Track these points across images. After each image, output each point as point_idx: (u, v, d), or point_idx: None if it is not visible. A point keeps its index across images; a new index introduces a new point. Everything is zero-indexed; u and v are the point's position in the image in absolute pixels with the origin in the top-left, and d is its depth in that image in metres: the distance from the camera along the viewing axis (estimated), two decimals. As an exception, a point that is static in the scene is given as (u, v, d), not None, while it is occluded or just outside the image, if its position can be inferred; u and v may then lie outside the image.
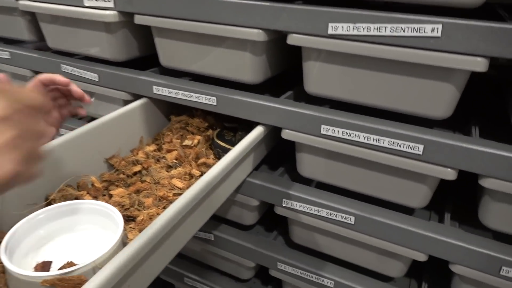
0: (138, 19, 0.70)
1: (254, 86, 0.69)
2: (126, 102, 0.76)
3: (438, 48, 0.48)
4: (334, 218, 0.64)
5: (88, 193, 0.59)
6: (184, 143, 0.71)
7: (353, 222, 0.63)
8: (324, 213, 0.65)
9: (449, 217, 0.65)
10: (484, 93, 0.85)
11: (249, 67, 0.65)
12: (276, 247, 0.77)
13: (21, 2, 0.80)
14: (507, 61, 0.48)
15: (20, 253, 0.46)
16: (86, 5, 0.72)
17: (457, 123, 0.66)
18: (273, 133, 0.70)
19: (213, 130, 0.77)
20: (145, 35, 0.78)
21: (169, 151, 0.69)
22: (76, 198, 0.56)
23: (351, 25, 0.51)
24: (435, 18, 0.47)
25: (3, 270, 0.43)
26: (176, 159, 0.67)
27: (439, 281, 0.72)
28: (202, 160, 0.67)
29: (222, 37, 0.64)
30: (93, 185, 0.60)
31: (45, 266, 0.43)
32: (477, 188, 0.64)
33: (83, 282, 0.38)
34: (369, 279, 0.70)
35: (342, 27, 0.52)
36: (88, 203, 0.53)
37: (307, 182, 0.71)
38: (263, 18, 0.58)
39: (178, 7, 0.64)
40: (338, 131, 0.57)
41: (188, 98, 0.70)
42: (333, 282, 0.71)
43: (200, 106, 0.69)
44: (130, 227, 0.52)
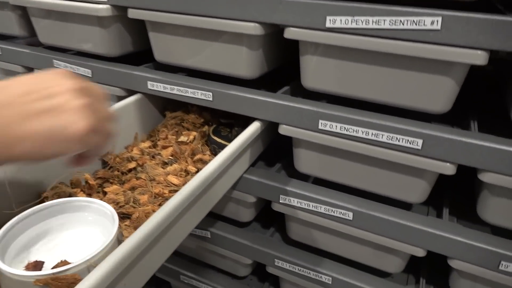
0: (132, 13, 0.69)
1: (250, 81, 0.68)
2: (120, 98, 0.75)
3: (437, 41, 0.47)
4: (332, 214, 0.64)
5: (82, 190, 0.58)
6: (179, 140, 0.70)
7: (351, 218, 0.63)
8: (322, 209, 0.64)
9: (447, 212, 0.65)
10: (480, 88, 0.85)
11: (245, 62, 0.64)
12: (273, 244, 0.76)
13: (11, -4, 0.78)
14: (506, 54, 0.48)
15: (12, 252, 0.45)
16: (78, -2, 0.71)
17: (455, 118, 0.65)
18: (270, 128, 0.69)
19: (209, 126, 0.76)
20: (139, 30, 0.77)
21: (164, 148, 0.68)
22: (69, 196, 0.55)
23: (350, 18, 0.50)
24: (435, 11, 0.47)
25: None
26: (171, 156, 0.66)
27: (437, 276, 0.72)
28: (198, 156, 0.66)
29: (217, 31, 0.63)
30: (87, 182, 0.59)
31: (37, 265, 0.41)
32: (475, 183, 0.64)
33: (77, 281, 0.38)
34: (367, 275, 0.70)
35: (341, 20, 0.51)
36: (82, 201, 0.52)
37: (305, 178, 0.70)
38: (260, 11, 0.57)
39: (172, 1, 0.63)
40: (336, 126, 0.57)
41: (183, 94, 0.69)
42: (331, 279, 0.70)
43: (195, 101, 0.68)
44: (125, 225, 0.52)
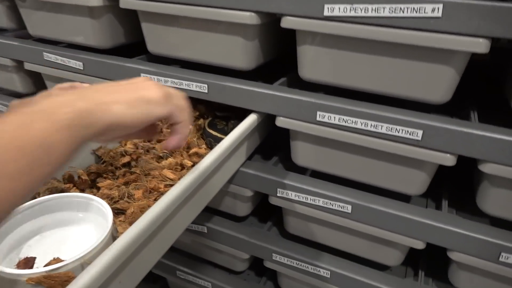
0: (124, 3, 0.67)
1: (246, 73, 0.67)
2: (113, 91, 0.73)
3: (438, 29, 0.46)
4: (331, 207, 0.63)
5: (74, 185, 0.57)
6: (174, 133, 0.69)
7: (350, 211, 0.62)
8: (320, 202, 0.63)
9: (446, 204, 0.64)
10: (476, 78, 0.84)
11: (241, 53, 0.63)
12: (270, 238, 0.75)
13: (-2, -13, 0.76)
14: (507, 42, 0.47)
15: (3, 249, 0.44)
16: (68, -11, 0.69)
17: (454, 109, 0.65)
18: (266, 121, 0.68)
19: (204, 119, 0.74)
20: (131, 21, 0.75)
21: (159, 141, 0.67)
22: (62, 191, 0.54)
23: (348, 6, 0.49)
24: (435, -2, 0.46)
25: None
26: (166, 150, 0.64)
27: (436, 269, 0.72)
28: (193, 150, 0.65)
29: (212, 20, 0.61)
30: (79, 177, 0.58)
31: (28, 262, 0.40)
32: (474, 174, 0.63)
33: (71, 278, 0.36)
34: (365, 268, 0.69)
35: (339, 8, 0.50)
36: (75, 197, 0.50)
37: (302, 171, 0.69)
38: (256, 0, 0.55)
39: (165, -10, 0.61)
40: (335, 118, 0.56)
41: (178, 86, 0.67)
42: (329, 272, 0.70)
43: (190, 94, 0.67)
44: (120, 221, 0.50)
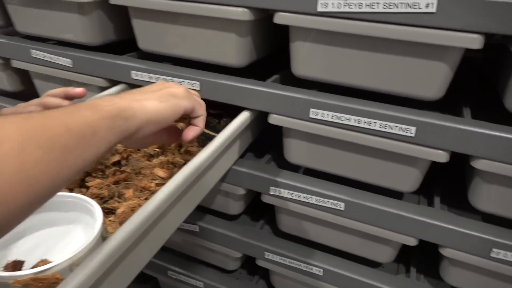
0: (113, -1, 0.66)
1: (239, 70, 0.66)
2: (103, 89, 0.72)
3: (432, 25, 0.46)
4: (324, 205, 0.63)
5: (63, 185, 0.56)
6: (165, 131, 0.68)
7: (343, 209, 0.62)
8: (313, 200, 0.63)
9: (438, 200, 0.65)
10: (470, 75, 0.84)
11: (234, 49, 0.62)
12: (263, 237, 0.75)
13: (-17, -18, 0.74)
14: (501, 38, 0.47)
15: (-11, 251, 0.43)
16: (56, -16, 0.67)
17: (447, 105, 0.65)
18: (259, 118, 0.67)
19: (196, 117, 0.73)
20: (121, 17, 0.74)
21: (151, 140, 0.66)
22: (50, 191, 0.52)
23: (342, 1, 0.49)
24: (429, -6, 0.45)
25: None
26: (157, 148, 0.63)
27: (428, 265, 0.72)
28: (185, 148, 0.64)
29: (204, 16, 0.60)
30: (68, 176, 0.56)
31: (16, 265, 0.39)
32: (466, 170, 0.63)
33: (59, 281, 0.35)
34: (358, 266, 0.69)
35: (333, 4, 0.49)
36: (63, 196, 0.49)
37: (295, 169, 0.69)
38: (248, -5, 0.55)
39: (156, -15, 0.60)
40: (328, 115, 0.55)
41: (169, 83, 0.66)
42: (322, 270, 0.69)
43: (182, 91, 0.66)
44: (110, 220, 0.49)
